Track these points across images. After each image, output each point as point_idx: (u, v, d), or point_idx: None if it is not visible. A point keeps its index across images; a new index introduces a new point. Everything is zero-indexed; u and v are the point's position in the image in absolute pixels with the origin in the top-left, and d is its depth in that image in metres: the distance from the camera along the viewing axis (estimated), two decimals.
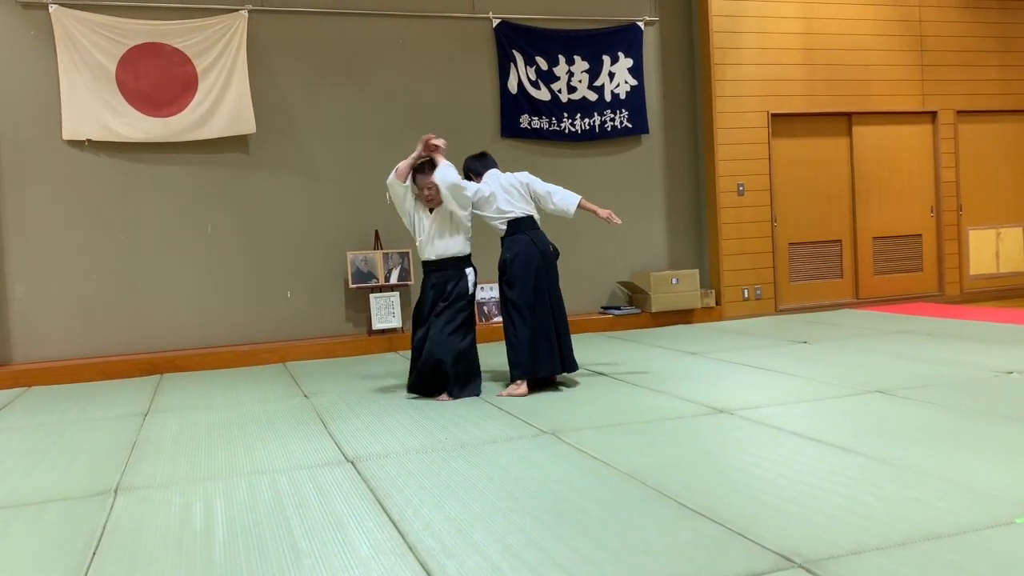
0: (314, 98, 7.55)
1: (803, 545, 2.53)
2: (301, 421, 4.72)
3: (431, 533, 2.81)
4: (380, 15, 7.70)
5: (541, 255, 5.29)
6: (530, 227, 5.37)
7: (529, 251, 5.26)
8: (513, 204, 5.33)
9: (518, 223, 5.33)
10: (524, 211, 5.35)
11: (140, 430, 4.70)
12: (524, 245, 5.27)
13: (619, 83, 8.43)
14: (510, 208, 5.32)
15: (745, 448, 3.66)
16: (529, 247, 5.27)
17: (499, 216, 5.33)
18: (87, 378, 6.62)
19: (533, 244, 5.29)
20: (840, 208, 9.04)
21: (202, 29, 7.12)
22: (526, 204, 5.38)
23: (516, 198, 5.35)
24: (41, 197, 6.87)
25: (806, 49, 8.72)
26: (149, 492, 3.48)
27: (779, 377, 5.27)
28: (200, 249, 7.27)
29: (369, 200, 7.67)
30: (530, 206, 5.40)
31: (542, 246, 5.34)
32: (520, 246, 5.27)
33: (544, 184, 5.47)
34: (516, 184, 5.39)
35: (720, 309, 8.48)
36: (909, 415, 4.13)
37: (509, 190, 5.35)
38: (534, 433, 4.13)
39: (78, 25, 6.82)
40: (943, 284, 9.36)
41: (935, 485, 3.03)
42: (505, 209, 5.32)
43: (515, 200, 5.34)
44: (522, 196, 5.38)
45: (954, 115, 9.32)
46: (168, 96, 7.05)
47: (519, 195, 5.37)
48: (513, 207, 5.33)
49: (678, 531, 2.71)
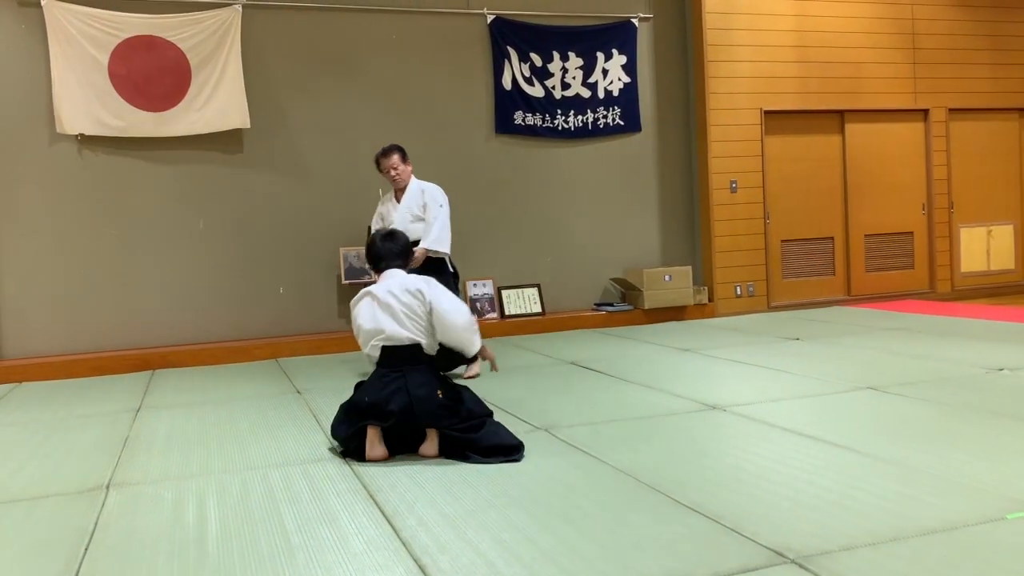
0: (307, 93, 7.53)
1: (795, 540, 2.54)
2: (294, 417, 4.71)
3: (425, 529, 2.81)
4: (374, 11, 7.69)
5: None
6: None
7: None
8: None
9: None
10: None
11: (132, 426, 4.69)
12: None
13: (612, 80, 8.43)
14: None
15: (737, 444, 3.67)
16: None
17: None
18: (78, 374, 6.60)
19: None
20: (832, 205, 9.07)
21: (196, 23, 7.09)
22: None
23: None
24: (32, 191, 6.84)
25: (799, 47, 8.74)
26: (141, 488, 3.47)
27: (771, 373, 5.29)
28: (192, 244, 7.25)
29: (362, 195, 7.66)
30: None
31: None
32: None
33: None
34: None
35: (713, 306, 8.50)
36: (900, 411, 4.14)
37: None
38: (527, 429, 4.13)
39: (70, 18, 6.79)
40: (934, 281, 9.40)
41: (926, 481, 3.04)
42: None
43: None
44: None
45: (946, 113, 9.35)
46: (161, 90, 7.02)
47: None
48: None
49: (671, 526, 2.72)
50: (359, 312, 3.92)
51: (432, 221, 5.77)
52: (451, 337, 3.85)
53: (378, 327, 3.81)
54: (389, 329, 3.79)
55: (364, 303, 3.92)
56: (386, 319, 3.81)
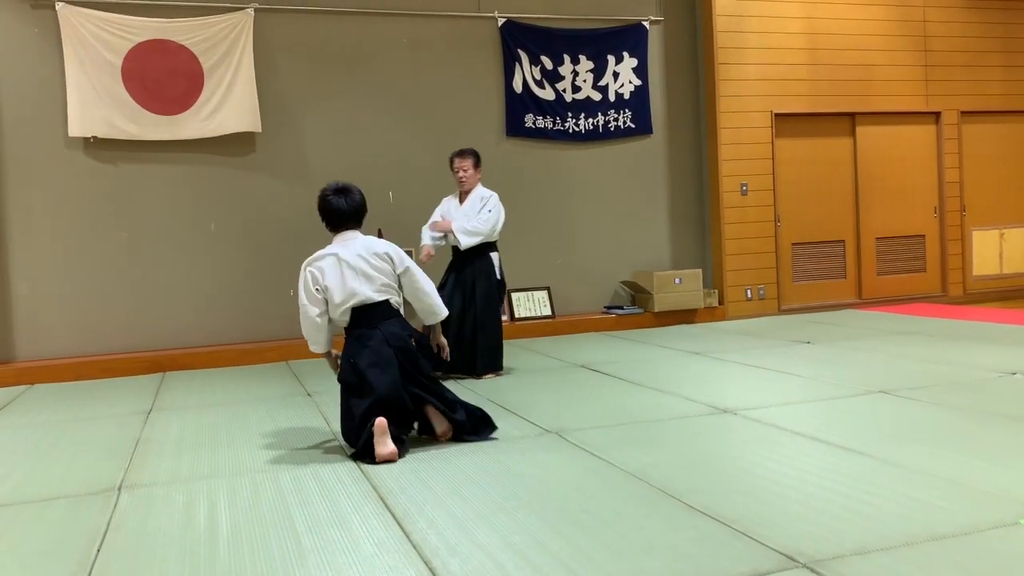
0: (319, 96, 7.55)
1: (807, 545, 2.53)
2: (304, 419, 4.73)
3: (435, 531, 2.81)
4: (385, 14, 7.71)
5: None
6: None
7: None
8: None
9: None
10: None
11: (143, 428, 4.71)
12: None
13: (623, 83, 8.43)
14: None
15: (748, 448, 3.66)
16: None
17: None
18: (90, 376, 6.63)
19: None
20: (843, 208, 9.04)
21: (208, 27, 7.12)
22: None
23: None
24: (45, 194, 6.88)
25: (810, 49, 8.72)
26: (153, 490, 3.48)
27: (782, 377, 5.27)
28: (203, 247, 7.27)
29: (372, 199, 7.62)
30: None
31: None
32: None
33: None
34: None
35: (723, 309, 8.47)
36: (913, 415, 4.12)
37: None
38: (537, 432, 4.13)
39: (84, 22, 6.83)
40: (946, 285, 9.35)
41: (939, 485, 3.02)
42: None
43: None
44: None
45: (958, 115, 9.31)
46: (174, 94, 7.05)
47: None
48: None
49: (682, 530, 2.71)
50: (323, 274, 4.00)
51: (487, 219, 5.83)
52: (422, 301, 4.17)
53: (352, 291, 3.95)
54: (363, 293, 3.95)
55: (328, 266, 4.00)
56: (359, 282, 3.96)
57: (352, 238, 4.11)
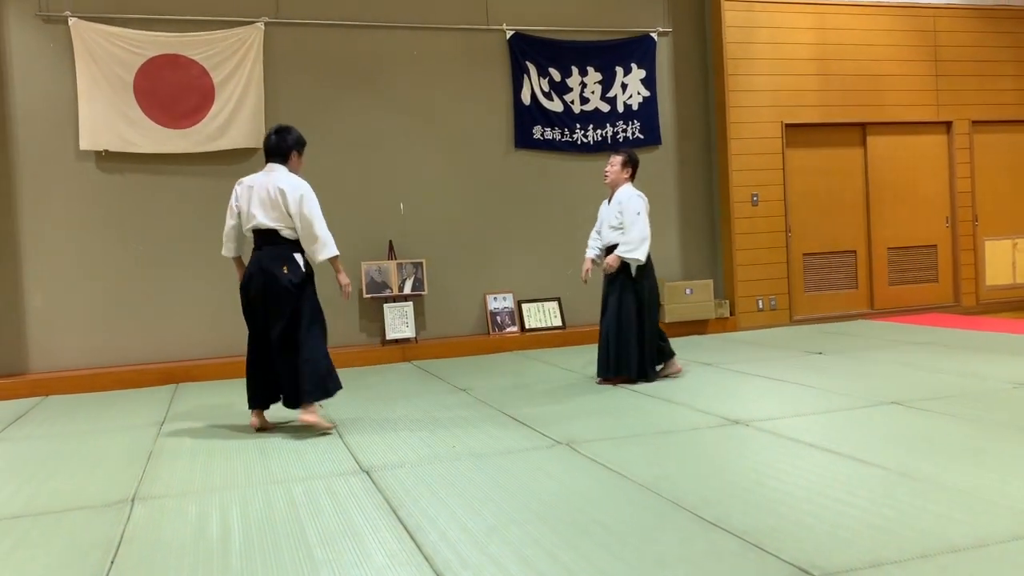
0: (329, 109, 7.59)
1: (821, 558, 2.51)
2: (316, 431, 4.73)
3: (447, 544, 2.81)
4: (394, 27, 7.75)
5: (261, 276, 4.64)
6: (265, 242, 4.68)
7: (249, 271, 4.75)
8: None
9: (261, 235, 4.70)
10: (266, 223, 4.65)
11: (156, 439, 4.72)
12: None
13: (632, 94, 8.44)
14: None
15: (761, 460, 3.65)
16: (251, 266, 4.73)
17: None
18: (104, 387, 6.66)
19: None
20: (855, 218, 9.01)
21: (219, 41, 7.18)
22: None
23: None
24: (58, 207, 6.93)
25: (820, 59, 8.71)
26: (166, 501, 3.50)
27: (795, 388, 5.25)
28: (215, 258, 7.25)
29: (383, 210, 7.72)
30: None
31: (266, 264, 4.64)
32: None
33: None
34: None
35: (734, 319, 8.45)
36: (927, 427, 4.10)
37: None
38: (549, 444, 4.12)
39: (96, 37, 6.90)
40: (959, 295, 9.31)
41: (954, 497, 3.01)
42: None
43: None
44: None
45: (969, 125, 9.28)
46: (185, 107, 7.11)
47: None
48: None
49: (694, 543, 2.70)
50: (238, 196, 4.72)
51: (629, 227, 5.69)
52: (305, 240, 4.62)
53: (251, 215, 4.62)
54: (258, 218, 4.60)
55: (242, 190, 4.71)
56: (259, 209, 4.60)
57: (271, 170, 4.69)
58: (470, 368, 6.81)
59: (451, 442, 4.27)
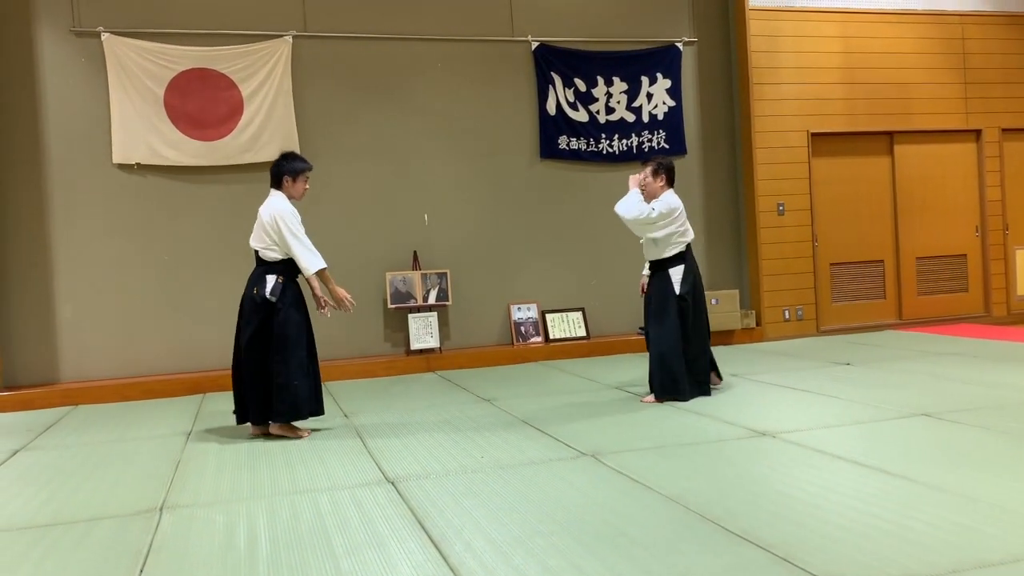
0: (355, 121, 7.66)
1: (849, 571, 2.49)
2: (341, 440, 4.76)
3: (472, 555, 2.81)
4: (420, 39, 7.81)
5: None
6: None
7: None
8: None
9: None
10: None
11: (184, 449, 4.77)
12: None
13: (657, 104, 8.43)
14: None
15: (788, 472, 3.62)
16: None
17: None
18: (132, 397, 6.74)
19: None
20: (882, 228, 8.93)
21: (248, 55, 7.28)
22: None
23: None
24: (90, 219, 7.04)
25: (846, 68, 8.66)
26: (194, 511, 3.53)
27: (822, 399, 5.20)
28: (243, 270, 7.32)
29: (408, 221, 7.76)
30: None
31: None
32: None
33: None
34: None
35: (761, 330, 8.40)
36: (957, 439, 4.05)
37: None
38: (574, 455, 4.12)
39: (128, 52, 7.01)
40: (989, 305, 9.18)
41: (985, 511, 2.96)
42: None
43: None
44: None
45: (999, 133, 9.17)
46: (215, 120, 7.20)
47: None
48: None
49: (721, 555, 2.68)
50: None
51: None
52: (293, 257, 4.91)
53: (252, 238, 5.02)
54: (253, 241, 5.00)
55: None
56: (255, 233, 4.99)
57: (270, 196, 5.02)
58: (494, 378, 6.82)
59: (476, 453, 4.27)
